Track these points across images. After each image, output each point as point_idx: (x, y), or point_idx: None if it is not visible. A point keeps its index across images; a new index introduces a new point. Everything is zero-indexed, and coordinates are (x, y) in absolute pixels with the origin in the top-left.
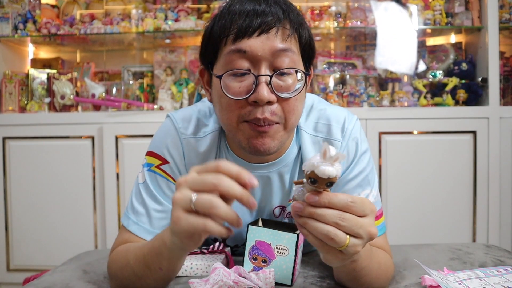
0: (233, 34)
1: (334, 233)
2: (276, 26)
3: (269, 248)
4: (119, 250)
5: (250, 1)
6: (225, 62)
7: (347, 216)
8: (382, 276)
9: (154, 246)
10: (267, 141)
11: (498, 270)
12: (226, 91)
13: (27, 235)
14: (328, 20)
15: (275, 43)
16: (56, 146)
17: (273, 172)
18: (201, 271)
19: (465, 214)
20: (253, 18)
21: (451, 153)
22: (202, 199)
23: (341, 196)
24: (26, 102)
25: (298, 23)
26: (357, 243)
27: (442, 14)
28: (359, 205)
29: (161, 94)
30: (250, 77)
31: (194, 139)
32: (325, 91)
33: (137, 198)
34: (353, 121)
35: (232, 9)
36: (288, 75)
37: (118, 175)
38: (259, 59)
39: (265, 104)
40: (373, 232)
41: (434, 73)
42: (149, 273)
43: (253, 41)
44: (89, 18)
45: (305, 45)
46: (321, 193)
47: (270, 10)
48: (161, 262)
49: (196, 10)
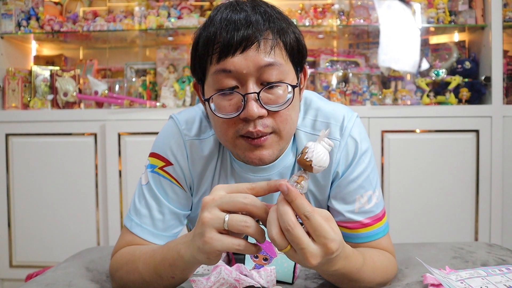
0: (217, 53)
1: (274, 237)
2: (258, 40)
3: (270, 246)
4: (123, 253)
5: (232, 10)
6: (213, 81)
7: (296, 231)
8: (377, 277)
9: (168, 257)
10: (263, 153)
11: (500, 269)
12: (217, 111)
13: (30, 232)
14: (331, 18)
15: (258, 59)
16: (59, 143)
17: (274, 175)
18: (202, 269)
19: (467, 212)
20: (234, 32)
21: (453, 151)
22: (236, 220)
23: (306, 204)
24: (29, 99)
25: (280, 30)
26: (295, 257)
27: (445, 12)
28: (313, 225)
29: (163, 92)
30: (238, 94)
31: (198, 141)
32: (327, 89)
33: (140, 200)
34: (353, 119)
35: (215, 20)
36: (276, 87)
37: (121, 172)
38: (245, 76)
39: (257, 119)
40: (309, 261)
41: (437, 71)
42: (160, 280)
43: (236, 59)
44: (92, 15)
45: (291, 50)
46: (290, 190)
47: (251, 20)
48: (174, 272)
49: (199, 8)
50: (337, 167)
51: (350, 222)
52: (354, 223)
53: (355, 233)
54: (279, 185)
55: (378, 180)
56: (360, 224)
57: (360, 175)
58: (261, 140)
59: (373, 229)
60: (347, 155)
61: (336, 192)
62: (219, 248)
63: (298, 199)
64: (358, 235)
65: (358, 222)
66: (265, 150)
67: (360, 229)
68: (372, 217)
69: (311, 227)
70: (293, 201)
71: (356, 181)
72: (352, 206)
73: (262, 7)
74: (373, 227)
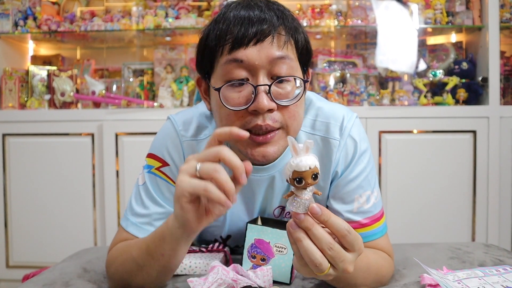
0: (229, 44)
1: (320, 261)
2: (272, 34)
3: (268, 246)
4: (118, 247)
5: (244, 7)
6: (222, 72)
7: (336, 247)
8: (371, 277)
9: (157, 232)
10: (268, 150)
11: (497, 269)
12: (226, 103)
13: (27, 232)
14: (329, 18)
15: (271, 51)
16: (56, 143)
17: (276, 173)
18: (200, 270)
19: (464, 213)
20: (248, 27)
21: (451, 152)
22: (207, 165)
23: (341, 221)
24: (26, 99)
25: (293, 28)
26: (332, 274)
27: (442, 13)
28: (352, 238)
29: (161, 92)
30: (248, 86)
31: (195, 141)
32: (325, 89)
33: (137, 200)
34: (352, 119)
35: (227, 17)
36: (286, 82)
37: (118, 172)
38: (256, 68)
39: (266, 112)
40: (348, 270)
41: (435, 72)
42: (151, 261)
43: (249, 51)
44: (89, 15)
45: (301, 50)
46: (323, 209)
47: (265, 17)
48: (163, 247)
49: (196, 8)
50: (336, 166)
51: (349, 222)
52: (353, 223)
53: None
54: (311, 207)
55: (377, 180)
56: (358, 224)
57: (359, 175)
58: (268, 137)
59: (371, 229)
60: (346, 155)
61: (335, 191)
62: (187, 189)
63: (332, 217)
64: None
65: (356, 222)
66: (270, 147)
67: (359, 229)
68: (371, 217)
69: (350, 241)
70: (327, 221)
71: (355, 181)
72: (350, 206)
73: (275, 5)
74: (371, 227)
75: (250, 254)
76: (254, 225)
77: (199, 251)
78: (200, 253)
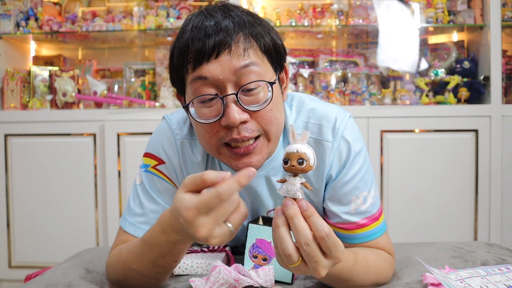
0: (191, 62)
1: (290, 252)
2: (229, 44)
3: (269, 246)
4: (115, 252)
5: (202, 18)
6: (191, 90)
7: (313, 246)
8: (371, 276)
9: (152, 234)
10: (251, 160)
11: (499, 268)
12: (198, 118)
13: (29, 232)
14: (330, 18)
15: (233, 63)
16: (58, 144)
17: (261, 177)
18: (201, 270)
19: (466, 212)
20: (205, 40)
21: (453, 151)
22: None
23: (324, 224)
24: (28, 99)
25: (253, 31)
26: (303, 270)
27: (444, 12)
28: (329, 244)
29: (162, 92)
30: (218, 100)
31: (188, 140)
32: (326, 89)
33: (134, 200)
34: (345, 120)
35: (186, 30)
36: (255, 88)
37: (120, 172)
38: (222, 82)
39: (240, 125)
40: (320, 273)
41: (436, 71)
42: (148, 265)
43: (211, 66)
44: (91, 16)
45: (268, 51)
46: (309, 205)
47: (221, 26)
48: (159, 250)
49: (198, 8)
50: (330, 169)
51: (347, 223)
52: (351, 224)
53: (352, 234)
54: (299, 200)
55: (374, 179)
56: (356, 225)
57: (355, 177)
58: (250, 147)
59: (370, 229)
60: (340, 157)
61: (331, 194)
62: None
63: (315, 215)
64: (355, 235)
65: (354, 223)
66: (254, 156)
67: (357, 230)
68: (369, 217)
69: (327, 245)
70: (309, 217)
71: (351, 182)
72: (348, 208)
73: (233, 12)
74: (370, 227)
75: (252, 254)
76: (256, 225)
77: (201, 251)
78: (201, 253)
